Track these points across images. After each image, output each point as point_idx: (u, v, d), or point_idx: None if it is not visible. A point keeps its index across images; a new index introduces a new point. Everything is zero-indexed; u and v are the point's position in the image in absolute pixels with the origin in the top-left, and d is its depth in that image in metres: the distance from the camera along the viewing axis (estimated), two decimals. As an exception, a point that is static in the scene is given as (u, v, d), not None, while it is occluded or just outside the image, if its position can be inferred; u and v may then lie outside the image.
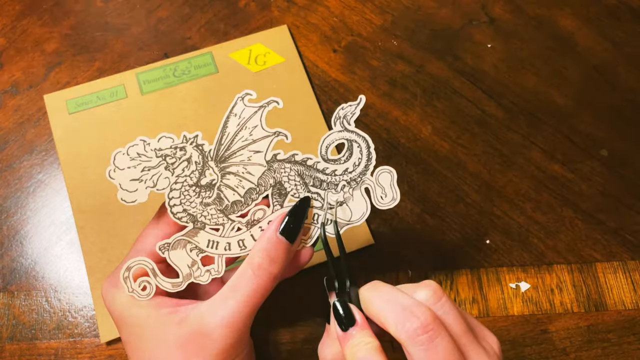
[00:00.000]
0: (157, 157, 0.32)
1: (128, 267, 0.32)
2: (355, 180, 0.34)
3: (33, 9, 0.54)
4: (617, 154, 0.49)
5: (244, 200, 0.33)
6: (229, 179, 0.33)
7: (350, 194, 0.34)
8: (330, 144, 0.34)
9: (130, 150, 0.32)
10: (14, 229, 0.45)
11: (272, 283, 0.32)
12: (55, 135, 0.47)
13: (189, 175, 0.33)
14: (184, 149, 0.32)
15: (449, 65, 0.52)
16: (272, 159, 0.33)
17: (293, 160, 0.34)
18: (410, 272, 0.44)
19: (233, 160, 0.33)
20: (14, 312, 0.43)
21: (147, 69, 0.50)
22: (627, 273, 0.45)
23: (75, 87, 0.49)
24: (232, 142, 0.33)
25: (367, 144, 0.34)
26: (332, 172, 0.34)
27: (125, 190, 0.32)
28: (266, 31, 0.53)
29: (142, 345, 0.32)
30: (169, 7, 0.54)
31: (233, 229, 0.33)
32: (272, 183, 0.33)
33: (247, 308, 0.31)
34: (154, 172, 0.32)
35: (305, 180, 0.34)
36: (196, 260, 0.33)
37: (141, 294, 0.32)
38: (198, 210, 0.33)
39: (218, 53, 0.51)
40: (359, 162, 0.34)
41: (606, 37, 0.53)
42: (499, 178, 0.48)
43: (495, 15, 0.54)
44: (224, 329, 0.30)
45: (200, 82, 0.50)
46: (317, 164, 0.34)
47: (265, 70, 0.51)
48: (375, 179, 0.34)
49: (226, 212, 0.33)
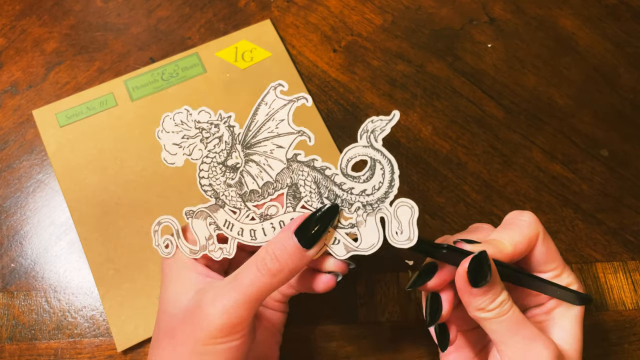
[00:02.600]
0: (196, 128, 0.33)
1: (159, 222, 0.34)
2: (372, 205, 0.31)
3: (33, 9, 0.53)
4: (617, 154, 0.49)
5: (261, 192, 0.33)
6: (251, 166, 0.33)
7: (364, 219, 0.31)
8: (352, 158, 0.31)
9: (175, 117, 0.34)
10: (14, 229, 0.45)
11: (274, 283, 0.31)
12: (49, 150, 0.47)
13: (218, 152, 0.33)
14: (218, 127, 0.33)
15: (449, 65, 0.52)
16: (292, 158, 0.33)
17: (312, 166, 0.32)
18: (410, 272, 0.44)
19: (257, 149, 0.33)
20: (13, 312, 0.43)
21: (134, 75, 0.50)
22: (628, 273, 0.45)
23: (64, 99, 0.49)
24: (259, 130, 0.33)
25: (391, 168, 0.31)
26: (349, 189, 0.31)
27: (167, 151, 0.34)
28: (250, 27, 0.53)
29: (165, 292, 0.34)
30: (169, 7, 0.54)
31: (248, 216, 0.34)
32: (289, 183, 0.33)
33: (245, 299, 0.31)
34: (191, 142, 0.34)
35: (321, 190, 0.32)
36: (212, 235, 0.34)
37: (164, 250, 0.34)
38: (221, 188, 0.34)
39: (204, 53, 0.51)
40: (379, 186, 0.31)
41: (606, 37, 0.53)
42: (499, 178, 0.48)
43: (496, 15, 0.54)
44: (217, 312, 0.30)
45: (189, 84, 0.50)
46: (335, 176, 0.32)
47: (253, 66, 0.51)
48: (394, 211, 0.30)
49: (244, 198, 0.33)
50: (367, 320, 0.43)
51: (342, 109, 0.50)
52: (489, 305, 0.30)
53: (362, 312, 0.43)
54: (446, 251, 0.31)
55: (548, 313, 0.33)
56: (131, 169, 0.47)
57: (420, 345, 0.42)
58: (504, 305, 0.30)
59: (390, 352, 0.42)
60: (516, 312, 0.30)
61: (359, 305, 0.43)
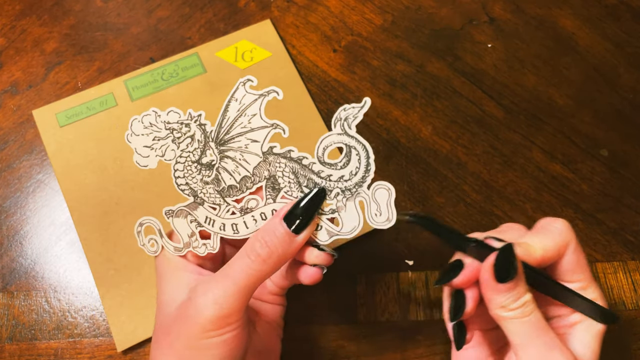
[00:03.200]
0: (166, 129, 0.34)
1: (140, 223, 0.35)
2: (350, 190, 0.32)
3: (33, 9, 0.53)
4: (617, 154, 0.49)
5: (239, 187, 0.34)
6: (226, 162, 0.33)
7: (343, 204, 0.32)
8: (327, 146, 0.32)
9: (144, 119, 0.34)
10: (14, 229, 0.45)
11: (265, 270, 0.31)
12: (49, 150, 0.47)
13: (192, 151, 0.34)
14: (189, 126, 0.34)
15: (449, 65, 0.52)
16: (268, 151, 0.33)
17: (288, 157, 0.33)
18: (410, 272, 0.44)
19: (231, 144, 0.33)
20: (13, 312, 0.43)
21: (134, 75, 0.50)
22: (628, 273, 0.45)
23: (64, 99, 0.49)
24: (232, 127, 0.33)
25: (366, 153, 0.32)
26: (327, 177, 0.32)
27: (139, 154, 0.34)
28: (250, 27, 0.53)
29: (160, 293, 0.34)
30: (169, 7, 0.54)
31: (228, 211, 0.34)
32: (267, 176, 0.33)
33: (236, 288, 0.31)
34: (162, 143, 0.34)
35: (300, 179, 0.33)
36: (195, 232, 0.34)
37: (150, 249, 0.35)
38: (199, 186, 0.34)
39: (204, 53, 0.51)
40: (356, 172, 0.32)
41: (606, 37, 0.53)
42: (499, 178, 0.48)
43: (496, 15, 0.54)
44: (209, 303, 0.30)
45: (189, 84, 0.50)
46: (313, 164, 0.33)
47: (253, 66, 0.51)
48: (372, 194, 0.32)
49: (223, 194, 0.34)
50: (367, 320, 0.43)
51: (342, 109, 0.50)
52: (512, 303, 0.29)
53: (362, 312, 0.43)
54: (475, 245, 0.31)
55: (569, 327, 0.32)
56: (131, 169, 0.47)
57: (420, 345, 0.42)
58: (528, 307, 0.29)
59: (390, 352, 0.42)
60: (538, 316, 0.30)
61: (359, 305, 0.43)
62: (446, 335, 0.42)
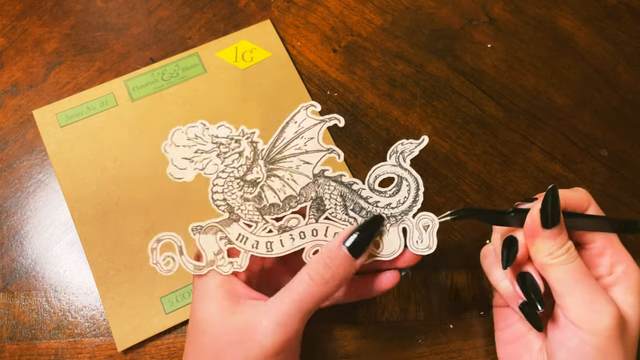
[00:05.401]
0: (213, 143, 0.33)
1: (158, 239, 0.33)
2: (395, 217, 0.35)
3: (33, 9, 0.54)
4: (617, 154, 0.49)
5: (282, 205, 0.34)
6: (273, 181, 0.34)
7: (387, 229, 0.35)
8: (379, 175, 0.35)
9: (189, 130, 0.33)
10: (14, 229, 0.45)
11: (326, 291, 0.32)
12: (49, 150, 0.47)
13: (237, 167, 0.34)
14: (239, 142, 0.34)
15: (449, 65, 0.52)
16: (319, 174, 0.34)
17: (339, 181, 0.34)
18: (410, 272, 0.44)
19: (282, 164, 0.34)
20: (13, 312, 0.43)
21: (134, 75, 0.50)
22: (627, 273, 0.45)
23: (65, 99, 0.49)
24: (286, 147, 0.34)
25: (417, 185, 0.35)
26: (374, 203, 0.35)
27: (175, 166, 0.33)
28: (250, 27, 0.53)
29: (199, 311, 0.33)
30: (169, 7, 0.54)
31: (265, 229, 0.34)
32: (313, 197, 0.34)
33: (298, 310, 0.31)
34: (205, 157, 0.34)
35: (346, 202, 0.34)
36: (223, 249, 0.34)
37: (163, 267, 0.33)
38: (237, 203, 0.34)
39: (204, 53, 0.51)
40: (403, 201, 0.35)
41: (606, 37, 0.53)
42: (499, 178, 0.48)
43: (495, 15, 0.54)
44: (274, 326, 0.30)
45: (190, 84, 0.50)
46: (362, 190, 0.35)
47: (253, 67, 0.51)
48: (416, 222, 0.35)
49: (263, 211, 0.34)
50: (367, 320, 0.43)
51: (342, 109, 0.50)
52: (558, 249, 0.31)
53: (362, 312, 0.43)
54: (514, 213, 0.33)
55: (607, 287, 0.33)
56: (131, 169, 0.47)
57: (420, 345, 0.42)
58: (572, 252, 0.31)
59: (390, 352, 0.42)
60: (582, 263, 0.31)
61: (359, 305, 0.43)
62: (446, 335, 0.43)
